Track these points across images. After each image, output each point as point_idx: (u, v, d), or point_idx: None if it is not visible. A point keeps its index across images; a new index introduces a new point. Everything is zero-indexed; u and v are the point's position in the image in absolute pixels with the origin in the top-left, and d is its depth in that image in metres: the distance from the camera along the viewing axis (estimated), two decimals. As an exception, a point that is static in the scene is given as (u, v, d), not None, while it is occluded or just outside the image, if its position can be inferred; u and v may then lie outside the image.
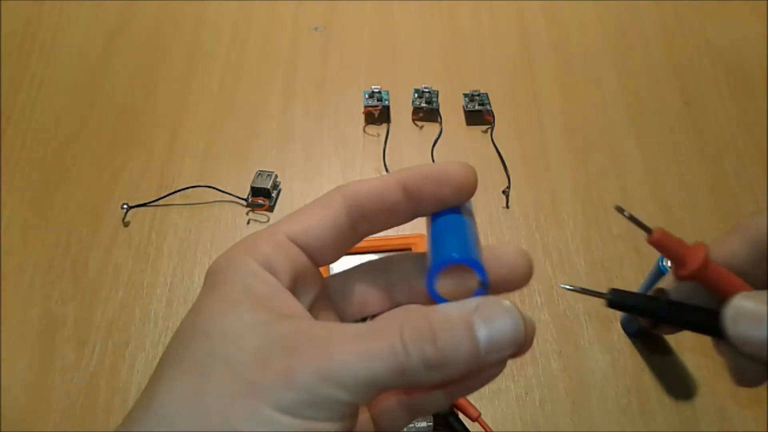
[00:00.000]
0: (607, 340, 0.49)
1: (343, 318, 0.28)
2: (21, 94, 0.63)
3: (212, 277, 0.26)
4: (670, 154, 0.59)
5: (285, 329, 0.23)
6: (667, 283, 0.31)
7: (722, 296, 0.27)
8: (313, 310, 0.27)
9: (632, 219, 0.29)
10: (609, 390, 0.46)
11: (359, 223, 0.27)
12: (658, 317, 0.30)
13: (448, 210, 0.27)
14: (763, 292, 0.26)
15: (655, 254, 0.43)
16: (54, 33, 0.67)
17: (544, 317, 0.50)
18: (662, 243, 0.28)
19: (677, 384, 0.47)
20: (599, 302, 0.51)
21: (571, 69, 0.65)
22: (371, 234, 0.28)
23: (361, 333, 0.23)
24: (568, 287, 0.31)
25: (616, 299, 0.30)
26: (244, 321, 0.24)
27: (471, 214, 0.27)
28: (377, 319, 0.27)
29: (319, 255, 0.27)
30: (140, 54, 0.66)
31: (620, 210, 0.30)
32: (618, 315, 0.50)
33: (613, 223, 0.55)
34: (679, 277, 0.29)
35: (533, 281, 0.51)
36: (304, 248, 0.27)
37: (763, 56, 0.66)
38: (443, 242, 0.26)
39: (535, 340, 0.50)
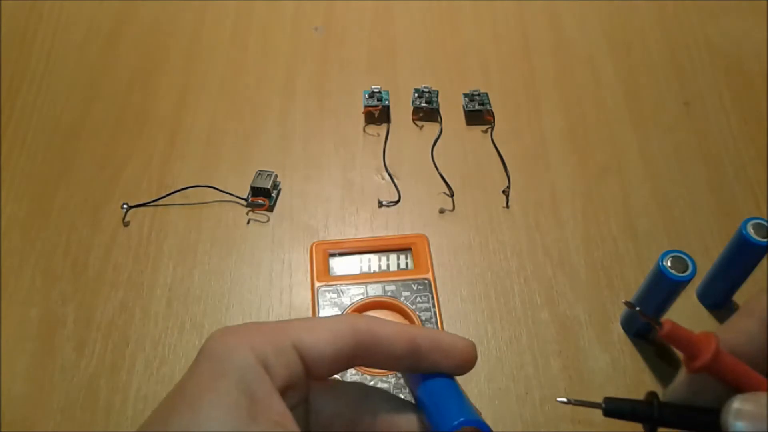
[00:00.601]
0: (607, 340, 0.49)
1: (310, 425, 0.29)
2: (21, 94, 0.63)
3: (209, 361, 0.27)
4: (670, 154, 0.59)
5: None
6: (681, 377, 0.31)
7: (735, 386, 0.28)
8: (293, 411, 0.27)
9: (643, 314, 0.30)
10: (609, 390, 0.46)
11: (360, 358, 0.28)
12: (654, 422, 0.30)
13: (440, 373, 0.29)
14: (762, 394, 0.27)
15: (655, 255, 0.43)
16: (54, 33, 0.67)
17: (544, 317, 0.50)
18: (673, 336, 0.29)
19: (677, 384, 0.47)
20: (599, 302, 0.51)
21: (571, 69, 0.65)
22: (363, 366, 0.30)
23: None
24: (563, 401, 0.33)
25: (611, 408, 0.31)
26: (229, 421, 0.24)
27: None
28: None
29: (315, 370, 0.28)
30: (140, 54, 0.66)
31: (631, 306, 0.31)
32: (618, 315, 0.50)
33: (613, 223, 0.55)
34: (692, 370, 0.29)
35: (533, 281, 0.52)
36: (304, 360, 0.27)
37: (763, 56, 0.66)
38: (447, 405, 0.28)
39: (534, 340, 0.51)
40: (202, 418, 0.24)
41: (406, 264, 0.52)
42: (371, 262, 0.52)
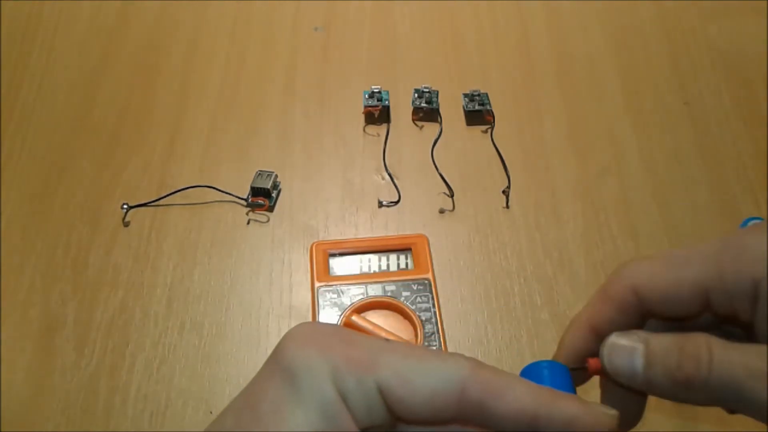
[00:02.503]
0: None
1: None
2: (21, 94, 0.63)
3: (286, 379, 0.23)
4: (670, 154, 0.59)
5: None
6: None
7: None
8: None
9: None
10: (609, 390, 0.46)
11: (466, 415, 0.24)
12: None
13: None
14: (636, 332, 0.28)
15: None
16: (54, 33, 0.67)
17: (544, 317, 0.50)
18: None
19: (677, 384, 0.47)
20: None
21: (571, 69, 0.65)
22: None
23: None
24: None
25: None
26: None
27: None
28: None
29: (403, 420, 0.24)
30: (140, 54, 0.66)
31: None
32: (618, 315, 0.50)
33: (613, 223, 0.55)
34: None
35: (533, 281, 0.52)
36: (390, 409, 0.24)
37: (763, 56, 0.66)
38: None
39: (534, 340, 0.51)
40: None
41: (406, 264, 0.52)
42: (371, 262, 0.52)
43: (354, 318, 0.48)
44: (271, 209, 0.56)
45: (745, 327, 0.28)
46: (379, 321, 0.48)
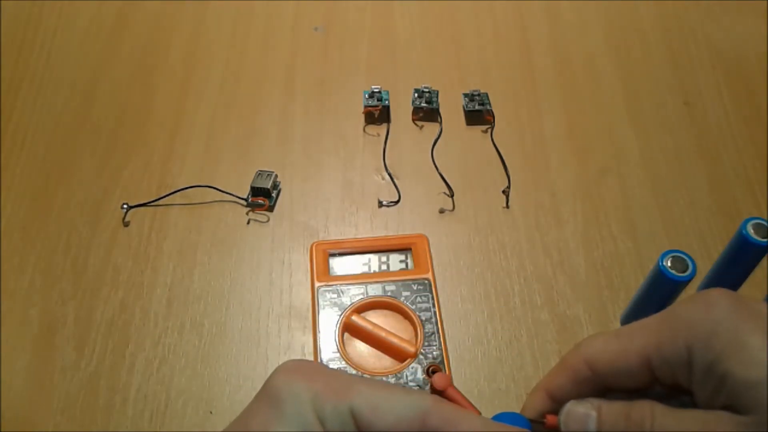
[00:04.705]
0: (607, 340, 0.49)
1: None
2: (21, 94, 0.63)
3: (272, 404, 0.27)
4: (670, 154, 0.59)
5: None
6: None
7: None
8: None
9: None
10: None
11: None
12: None
13: None
14: (590, 399, 0.32)
15: (655, 255, 0.43)
16: (54, 33, 0.67)
17: (544, 317, 0.50)
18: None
19: (677, 384, 0.47)
20: (599, 302, 0.51)
21: (571, 69, 0.65)
22: None
23: None
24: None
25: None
26: None
27: None
28: None
29: None
30: (140, 54, 0.66)
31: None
32: (618, 315, 0.50)
33: (613, 223, 0.55)
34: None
35: (533, 281, 0.52)
36: (362, 429, 0.27)
37: (763, 56, 0.66)
38: None
39: (534, 340, 0.51)
40: None
41: (406, 264, 0.52)
42: (371, 262, 0.52)
43: (354, 318, 0.48)
44: (271, 209, 0.56)
45: (689, 394, 0.30)
46: (379, 321, 0.48)
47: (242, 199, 0.56)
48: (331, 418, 0.26)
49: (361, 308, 0.48)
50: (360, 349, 0.47)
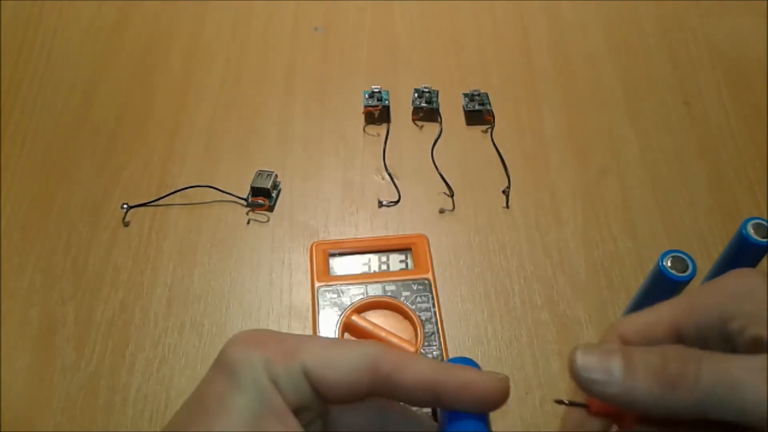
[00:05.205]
0: (607, 340, 0.49)
1: None
2: (21, 94, 0.63)
3: (226, 373, 0.28)
4: (670, 154, 0.59)
5: None
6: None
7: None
8: (309, 427, 0.28)
9: (570, 403, 0.29)
10: (609, 390, 0.46)
11: (379, 389, 0.28)
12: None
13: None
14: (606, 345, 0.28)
15: (655, 255, 0.43)
16: (54, 33, 0.67)
17: (544, 317, 0.50)
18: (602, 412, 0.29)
19: (677, 384, 0.47)
20: (599, 302, 0.51)
21: (571, 69, 0.65)
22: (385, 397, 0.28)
23: None
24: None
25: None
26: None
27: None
28: None
29: (328, 398, 0.28)
30: (140, 54, 0.66)
31: (560, 402, 0.30)
32: (618, 315, 0.50)
33: (613, 223, 0.55)
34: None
35: (533, 281, 0.52)
36: (315, 388, 0.27)
37: (763, 56, 0.66)
38: None
39: (534, 340, 0.51)
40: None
41: (406, 264, 0.52)
42: (371, 262, 0.52)
43: (354, 318, 0.48)
44: (271, 209, 0.56)
45: None
46: (379, 321, 0.48)
47: (242, 199, 0.56)
48: (285, 380, 0.27)
49: (361, 308, 0.48)
50: (360, 349, 0.47)
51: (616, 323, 0.30)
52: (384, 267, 0.51)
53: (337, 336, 0.47)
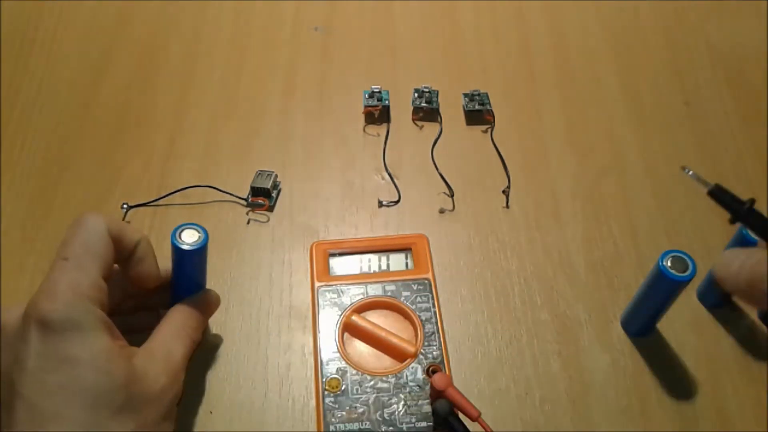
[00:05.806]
0: (607, 340, 0.49)
1: None
2: (21, 94, 0.63)
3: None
4: (670, 154, 0.59)
5: None
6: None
7: None
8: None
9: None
10: (609, 390, 0.46)
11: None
12: (740, 218, 0.38)
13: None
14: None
15: (655, 255, 0.43)
16: (54, 33, 0.67)
17: (544, 317, 0.50)
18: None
19: (677, 384, 0.47)
20: (599, 302, 0.51)
21: (571, 69, 0.65)
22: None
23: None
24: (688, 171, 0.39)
25: (716, 193, 0.40)
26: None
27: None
28: None
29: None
30: (140, 54, 0.66)
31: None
32: (618, 315, 0.50)
33: (613, 223, 0.55)
34: None
35: (533, 281, 0.52)
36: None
37: (763, 56, 0.66)
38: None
39: (534, 340, 0.51)
40: None
41: (406, 264, 0.52)
42: (371, 262, 0.52)
43: (354, 318, 0.48)
44: (271, 209, 0.56)
45: None
46: (379, 321, 0.48)
47: (242, 199, 0.56)
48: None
49: (361, 308, 0.48)
50: (360, 349, 0.47)
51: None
52: (384, 267, 0.51)
53: (337, 336, 0.47)
